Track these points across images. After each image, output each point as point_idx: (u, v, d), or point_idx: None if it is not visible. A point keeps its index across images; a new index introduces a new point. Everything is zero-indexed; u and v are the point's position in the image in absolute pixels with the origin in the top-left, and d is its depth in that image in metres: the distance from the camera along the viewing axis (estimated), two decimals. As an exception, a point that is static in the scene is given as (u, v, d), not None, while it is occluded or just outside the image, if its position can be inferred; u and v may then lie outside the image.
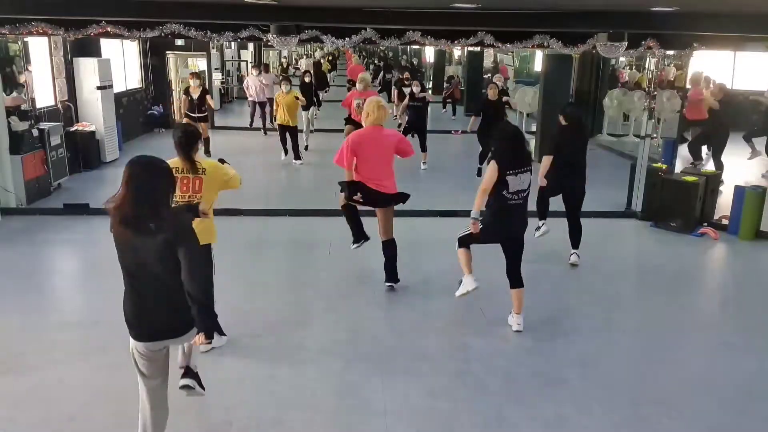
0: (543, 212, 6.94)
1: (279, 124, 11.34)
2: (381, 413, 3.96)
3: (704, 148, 10.51)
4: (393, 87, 16.13)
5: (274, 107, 11.90)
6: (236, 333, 4.75)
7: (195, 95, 11.20)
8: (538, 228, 6.89)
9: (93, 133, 10.52)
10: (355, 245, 5.90)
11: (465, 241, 5.15)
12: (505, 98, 11.30)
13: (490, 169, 4.83)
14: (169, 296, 2.96)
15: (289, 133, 11.25)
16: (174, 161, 3.99)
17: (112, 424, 3.77)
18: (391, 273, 5.78)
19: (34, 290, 5.78)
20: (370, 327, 5.20)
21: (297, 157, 11.31)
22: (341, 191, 5.69)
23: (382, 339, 4.97)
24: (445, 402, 4.11)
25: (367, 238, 5.89)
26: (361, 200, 5.60)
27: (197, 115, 11.27)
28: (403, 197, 5.71)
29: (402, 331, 5.08)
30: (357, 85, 10.64)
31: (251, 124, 14.92)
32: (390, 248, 5.75)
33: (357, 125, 7.73)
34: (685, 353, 4.96)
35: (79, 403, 3.99)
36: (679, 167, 9.22)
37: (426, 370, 4.49)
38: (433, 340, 4.95)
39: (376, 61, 28.08)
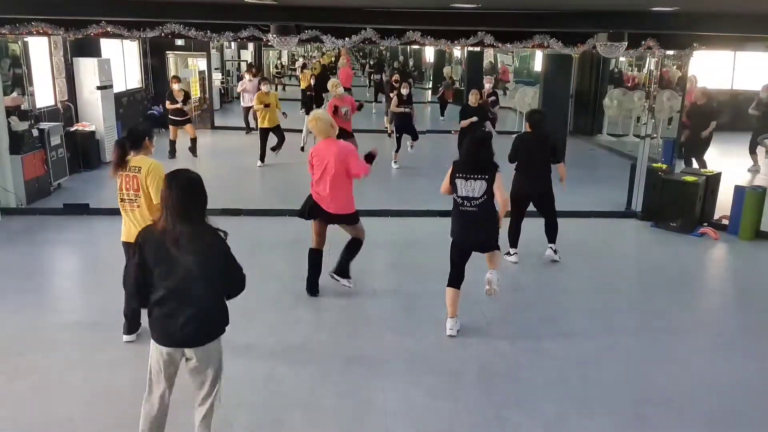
0: (514, 239, 6.53)
1: (261, 128, 11.04)
2: (381, 413, 3.96)
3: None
4: (385, 88, 15.94)
5: (254, 106, 11.58)
6: (236, 333, 4.73)
7: (179, 99, 11.12)
8: (508, 254, 6.50)
9: (93, 133, 10.53)
10: (309, 294, 5.68)
11: (451, 277, 5.02)
12: (491, 112, 10.82)
13: (450, 170, 4.90)
14: (205, 308, 3.10)
15: (273, 133, 10.97)
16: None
17: (112, 424, 3.77)
18: (343, 266, 5.63)
19: (34, 290, 5.78)
20: (370, 327, 5.20)
21: (278, 147, 11.15)
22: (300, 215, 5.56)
23: (381, 339, 4.97)
24: (445, 402, 4.11)
25: (315, 295, 5.66)
26: (320, 221, 5.46)
27: (180, 118, 11.22)
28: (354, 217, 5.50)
29: (402, 331, 5.08)
30: (336, 89, 10.52)
31: (248, 131, 14.50)
32: (352, 244, 5.60)
33: (343, 132, 7.50)
34: (686, 353, 4.97)
35: (79, 403, 3.99)
36: (679, 167, 9.23)
37: (426, 370, 4.49)
38: (433, 340, 4.94)
39: (371, 63, 27.59)
